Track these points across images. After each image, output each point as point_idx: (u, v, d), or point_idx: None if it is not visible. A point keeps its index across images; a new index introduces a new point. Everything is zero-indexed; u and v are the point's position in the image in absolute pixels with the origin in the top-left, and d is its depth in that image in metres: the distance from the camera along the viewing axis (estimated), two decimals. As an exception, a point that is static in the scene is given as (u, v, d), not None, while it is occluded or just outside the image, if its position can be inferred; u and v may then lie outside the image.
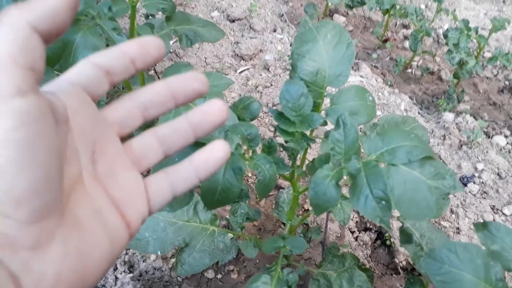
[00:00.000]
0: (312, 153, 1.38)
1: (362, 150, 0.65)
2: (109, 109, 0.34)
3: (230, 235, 1.15)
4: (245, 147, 0.65)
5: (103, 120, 0.33)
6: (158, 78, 1.56)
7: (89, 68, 0.32)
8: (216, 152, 0.36)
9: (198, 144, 0.41)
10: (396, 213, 1.17)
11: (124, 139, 0.35)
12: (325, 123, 0.76)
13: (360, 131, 1.24)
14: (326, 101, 0.77)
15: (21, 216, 0.23)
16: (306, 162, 0.86)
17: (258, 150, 0.69)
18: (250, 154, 0.65)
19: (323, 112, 0.76)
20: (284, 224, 1.23)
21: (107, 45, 1.76)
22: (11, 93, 0.22)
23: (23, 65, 0.23)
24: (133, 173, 0.34)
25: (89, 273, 0.27)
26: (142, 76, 1.17)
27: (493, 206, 1.25)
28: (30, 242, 0.24)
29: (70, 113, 0.29)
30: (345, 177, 0.61)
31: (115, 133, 0.34)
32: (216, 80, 1.02)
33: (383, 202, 0.55)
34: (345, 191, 1.28)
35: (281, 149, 0.75)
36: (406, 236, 0.87)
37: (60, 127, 0.27)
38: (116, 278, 1.04)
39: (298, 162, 0.91)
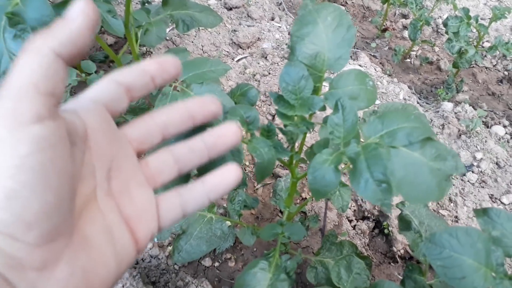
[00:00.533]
0: (310, 142, 1.37)
1: (361, 136, 0.63)
2: (130, 126, 0.36)
3: (228, 222, 1.14)
4: (243, 130, 0.64)
5: (122, 137, 0.34)
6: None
7: (111, 85, 0.33)
8: (228, 177, 0.37)
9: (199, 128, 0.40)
10: (394, 200, 1.16)
11: (140, 155, 0.36)
12: (324, 108, 0.75)
13: (360, 118, 1.23)
14: (325, 86, 0.76)
15: (31, 239, 0.24)
16: (305, 148, 0.85)
17: (257, 134, 0.68)
18: (249, 137, 0.64)
19: (322, 97, 0.75)
20: (281, 212, 1.22)
21: (101, 27, 1.73)
22: (30, 119, 0.23)
23: (44, 91, 0.24)
24: (146, 190, 0.35)
25: None
26: (138, 62, 1.15)
27: (492, 195, 1.25)
28: (38, 263, 0.24)
29: (89, 131, 0.30)
30: (343, 165, 0.60)
31: (133, 150, 0.35)
32: (213, 65, 1.00)
33: (384, 184, 0.54)
34: (343, 178, 1.27)
35: (281, 133, 0.74)
36: (404, 223, 0.87)
37: (77, 147, 0.28)
38: (112, 266, 1.03)
39: (297, 149, 0.90)
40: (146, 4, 1.36)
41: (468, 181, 1.28)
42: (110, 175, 0.32)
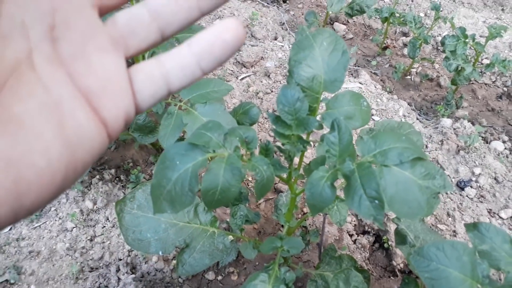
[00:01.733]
0: (310, 157, 1.41)
1: (358, 153, 0.67)
2: None
3: (230, 237, 1.18)
4: (243, 150, 0.68)
5: None
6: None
7: None
8: (225, 33, 0.26)
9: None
10: (392, 215, 1.19)
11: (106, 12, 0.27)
12: (321, 127, 0.79)
13: (356, 135, 1.26)
14: (322, 106, 0.80)
15: None
16: (304, 165, 0.89)
17: (257, 152, 0.72)
18: (249, 156, 0.68)
19: (319, 117, 0.79)
20: (283, 226, 1.25)
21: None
22: None
23: None
24: (112, 55, 0.26)
25: (26, 189, 0.21)
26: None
27: (490, 209, 1.27)
28: None
29: None
30: (341, 180, 0.64)
31: (89, 3, 0.26)
32: (216, 86, 1.06)
33: (376, 201, 0.58)
34: (340, 193, 1.30)
35: (279, 152, 0.78)
36: (400, 237, 0.90)
37: None
38: (119, 279, 1.06)
39: (295, 166, 0.94)
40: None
41: (467, 196, 1.30)
42: (54, 34, 0.24)
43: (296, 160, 1.08)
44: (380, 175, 0.60)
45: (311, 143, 0.87)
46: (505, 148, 1.52)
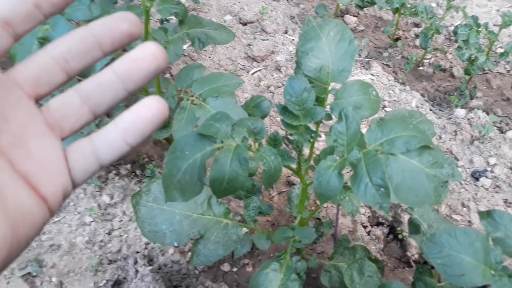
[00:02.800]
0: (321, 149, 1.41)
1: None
2: (18, 67, 0.29)
3: (245, 229, 1.19)
4: (252, 141, 0.69)
5: (5, 81, 0.28)
6: (171, 76, 1.61)
7: None
8: (145, 111, 0.30)
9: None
10: (405, 205, 1.19)
11: (40, 99, 0.31)
12: (329, 118, 0.80)
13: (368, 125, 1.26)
14: (331, 97, 0.81)
15: None
16: (314, 157, 0.90)
17: (265, 144, 0.73)
18: (257, 146, 0.69)
19: (328, 108, 0.80)
20: (296, 218, 1.26)
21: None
22: None
23: None
24: (48, 140, 0.30)
25: None
26: (157, 79, 1.23)
27: (506, 199, 1.25)
28: None
29: None
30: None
31: (25, 95, 0.29)
32: (227, 80, 1.07)
33: (382, 189, 0.58)
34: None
35: (289, 143, 0.79)
36: (414, 227, 0.90)
37: None
38: (137, 271, 1.09)
39: (306, 157, 0.94)
40: (164, 23, 1.44)
41: (482, 186, 1.29)
42: None
43: (307, 152, 1.09)
44: (387, 163, 0.60)
45: (321, 134, 0.87)
46: (521, 138, 1.49)
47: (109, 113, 1.24)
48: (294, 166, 0.78)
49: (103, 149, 0.31)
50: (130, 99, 0.37)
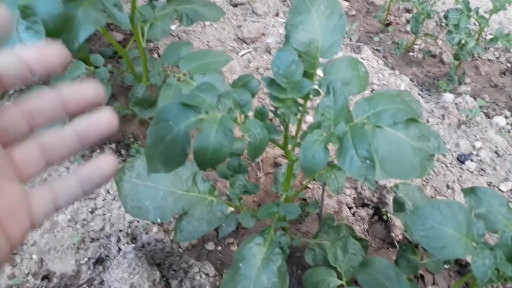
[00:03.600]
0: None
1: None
2: None
3: (230, 208, 1.18)
4: (238, 113, 0.68)
5: None
6: (159, 56, 1.59)
7: None
8: (102, 168, 0.36)
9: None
10: (389, 183, 1.19)
11: (7, 146, 0.34)
12: (317, 93, 0.79)
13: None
14: (320, 74, 0.79)
15: None
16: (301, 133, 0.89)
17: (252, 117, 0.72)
18: (243, 119, 0.68)
19: (316, 83, 0.78)
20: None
21: (110, 24, 1.77)
22: None
23: None
24: (16, 184, 0.33)
25: None
26: (144, 59, 1.20)
27: (490, 182, 1.27)
28: None
29: None
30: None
31: None
32: (215, 57, 1.05)
33: (368, 161, 0.58)
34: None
35: (276, 117, 0.77)
36: (398, 205, 0.90)
37: None
38: (119, 248, 1.08)
39: (293, 134, 0.94)
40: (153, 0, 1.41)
41: (467, 169, 1.30)
42: None
43: (294, 128, 1.08)
44: (373, 136, 0.60)
45: (309, 111, 0.86)
46: (507, 123, 1.51)
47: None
48: (280, 141, 0.77)
49: (61, 195, 0.35)
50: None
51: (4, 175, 0.32)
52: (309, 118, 1.39)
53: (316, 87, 0.77)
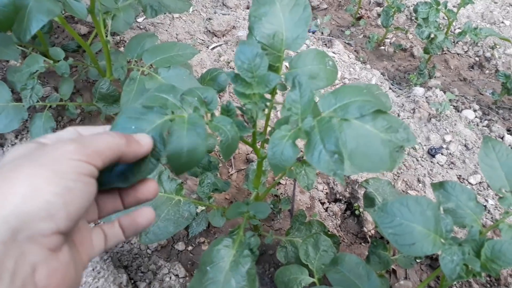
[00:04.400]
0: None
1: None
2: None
3: (201, 207, 1.15)
4: (203, 111, 0.64)
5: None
6: (119, 46, 1.53)
7: None
8: (142, 219, 0.47)
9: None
10: (361, 178, 1.18)
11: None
12: (284, 88, 0.76)
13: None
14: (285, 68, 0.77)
15: (61, 226, 0.37)
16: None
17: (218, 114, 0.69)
18: (209, 117, 0.64)
19: (282, 77, 0.76)
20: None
21: (73, 17, 1.69)
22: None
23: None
24: (86, 223, 0.45)
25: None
26: (107, 52, 1.15)
27: (460, 175, 1.28)
28: (53, 245, 0.36)
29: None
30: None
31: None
32: (181, 49, 1.01)
33: (336, 155, 0.55)
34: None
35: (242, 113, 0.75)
36: (369, 201, 0.89)
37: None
38: (84, 251, 1.03)
39: (261, 130, 0.91)
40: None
41: (437, 163, 1.31)
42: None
43: (262, 124, 1.05)
44: (340, 129, 0.57)
45: (276, 106, 0.84)
46: (476, 117, 1.53)
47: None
48: (249, 138, 0.74)
49: (109, 236, 0.46)
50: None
51: (85, 227, 0.44)
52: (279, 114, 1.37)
53: (282, 80, 0.75)
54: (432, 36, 1.54)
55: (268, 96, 0.74)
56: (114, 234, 0.46)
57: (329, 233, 1.00)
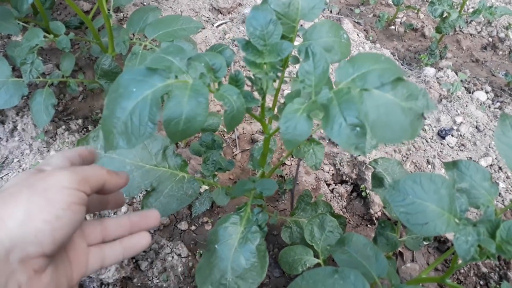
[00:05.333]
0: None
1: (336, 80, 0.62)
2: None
3: (205, 186, 1.13)
4: (210, 78, 0.61)
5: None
6: (122, 23, 1.49)
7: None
8: (141, 241, 0.52)
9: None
10: (367, 159, 1.15)
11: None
12: (296, 61, 0.73)
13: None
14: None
15: (46, 250, 0.41)
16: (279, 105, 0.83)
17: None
18: (216, 86, 0.61)
19: (295, 50, 0.72)
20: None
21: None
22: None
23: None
24: (84, 243, 0.49)
25: None
26: (109, 27, 1.11)
27: (470, 157, 1.25)
28: (38, 266, 0.41)
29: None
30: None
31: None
32: (185, 23, 0.97)
33: (358, 128, 0.52)
34: (316, 136, 1.26)
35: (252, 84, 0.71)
36: (377, 181, 0.86)
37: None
38: (86, 229, 1.02)
39: (270, 106, 0.88)
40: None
41: (448, 144, 1.27)
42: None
43: (271, 100, 1.02)
44: (361, 100, 0.54)
45: (286, 80, 0.81)
46: (488, 98, 1.48)
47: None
48: (257, 112, 0.72)
49: (107, 257, 0.50)
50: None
51: (79, 236, 0.48)
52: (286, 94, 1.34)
53: (295, 54, 0.71)
54: (445, 14, 1.48)
55: (279, 67, 0.70)
56: (114, 254, 0.50)
57: (335, 213, 0.98)
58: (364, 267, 0.67)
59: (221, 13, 1.66)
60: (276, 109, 0.82)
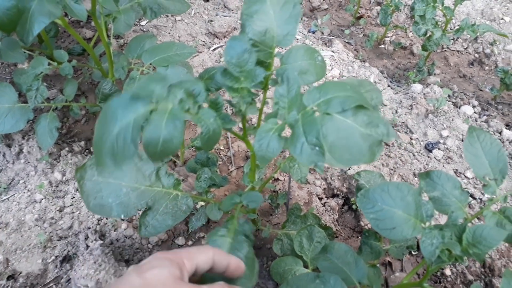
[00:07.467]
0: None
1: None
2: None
3: (201, 202, 1.18)
4: (191, 103, 0.67)
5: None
6: (123, 49, 1.57)
7: None
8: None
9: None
10: (352, 171, 1.20)
11: None
12: (275, 83, 0.79)
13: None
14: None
15: None
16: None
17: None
18: (196, 109, 0.68)
19: (274, 72, 0.79)
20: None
21: (80, 21, 1.74)
22: None
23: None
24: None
25: None
26: (109, 53, 1.19)
27: (456, 170, 1.29)
28: None
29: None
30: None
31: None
32: (179, 49, 1.05)
33: (317, 148, 0.58)
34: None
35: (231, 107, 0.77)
36: (361, 192, 0.91)
37: None
38: (87, 246, 1.07)
39: (255, 125, 0.94)
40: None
41: (434, 157, 1.32)
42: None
43: (256, 118, 1.08)
44: (322, 123, 0.60)
45: (268, 101, 0.86)
46: (474, 112, 1.54)
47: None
48: (235, 129, 0.77)
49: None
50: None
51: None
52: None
53: (273, 76, 0.78)
54: (429, 33, 1.55)
55: (255, 91, 0.77)
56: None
57: (324, 225, 1.02)
58: (344, 273, 0.71)
59: (217, 37, 1.74)
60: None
